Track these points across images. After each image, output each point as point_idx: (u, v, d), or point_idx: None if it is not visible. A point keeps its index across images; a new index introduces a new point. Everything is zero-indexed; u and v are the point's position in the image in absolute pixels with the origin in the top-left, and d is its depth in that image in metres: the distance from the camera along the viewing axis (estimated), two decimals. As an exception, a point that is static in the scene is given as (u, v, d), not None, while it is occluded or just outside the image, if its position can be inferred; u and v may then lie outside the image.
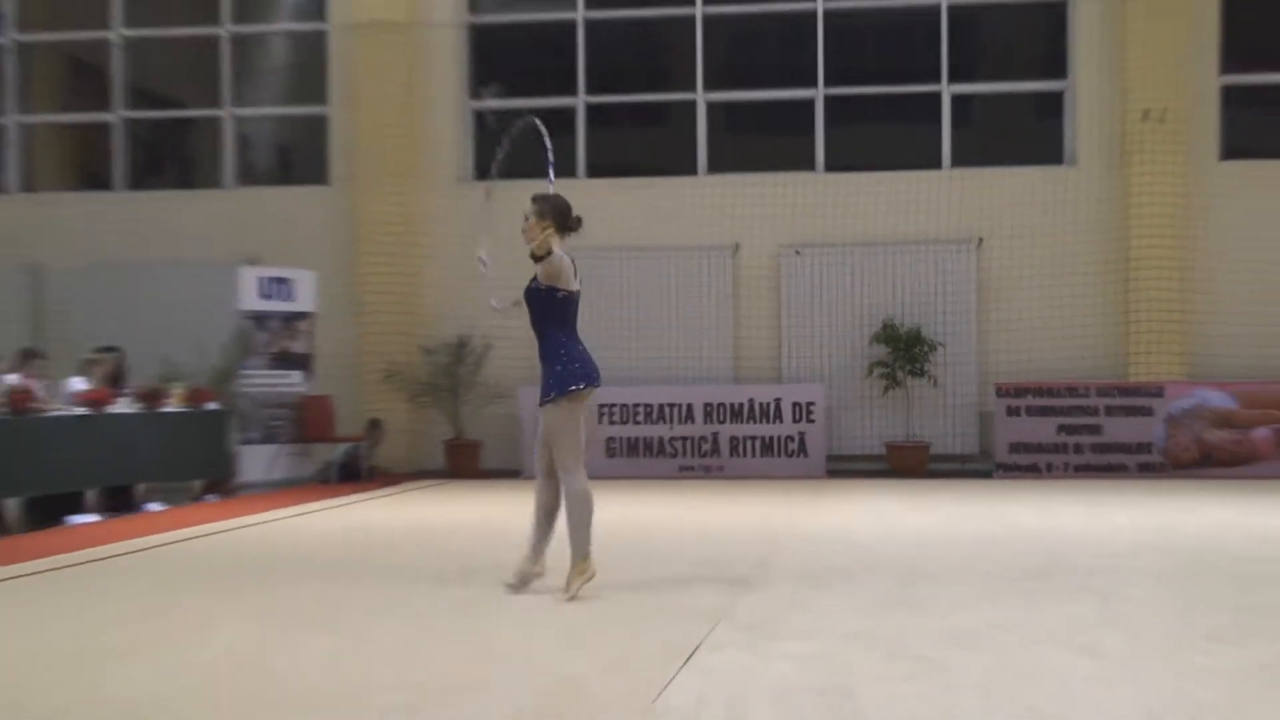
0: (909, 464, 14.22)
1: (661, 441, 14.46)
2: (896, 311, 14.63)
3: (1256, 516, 10.07)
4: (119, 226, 15.65)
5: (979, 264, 14.82)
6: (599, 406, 14.03)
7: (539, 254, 6.32)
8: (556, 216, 6.47)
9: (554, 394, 6.40)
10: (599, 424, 14.19)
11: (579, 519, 6.39)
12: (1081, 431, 13.82)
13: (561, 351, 6.45)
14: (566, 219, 6.50)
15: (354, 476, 13.72)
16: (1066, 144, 15.10)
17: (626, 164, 16.05)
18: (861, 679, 4.59)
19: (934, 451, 14.45)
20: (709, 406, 14.43)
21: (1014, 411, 13.93)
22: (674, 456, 14.44)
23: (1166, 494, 11.92)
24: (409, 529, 9.87)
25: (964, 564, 7.57)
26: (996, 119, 16.10)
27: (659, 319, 15.17)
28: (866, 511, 10.71)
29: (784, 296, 15.10)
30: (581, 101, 15.74)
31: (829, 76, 15.39)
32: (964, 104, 15.46)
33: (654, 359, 15.08)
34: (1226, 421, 13.67)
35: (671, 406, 14.45)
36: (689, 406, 14.44)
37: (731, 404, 14.42)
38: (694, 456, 14.43)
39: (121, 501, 10.94)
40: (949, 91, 15.22)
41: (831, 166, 15.36)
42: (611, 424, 14.46)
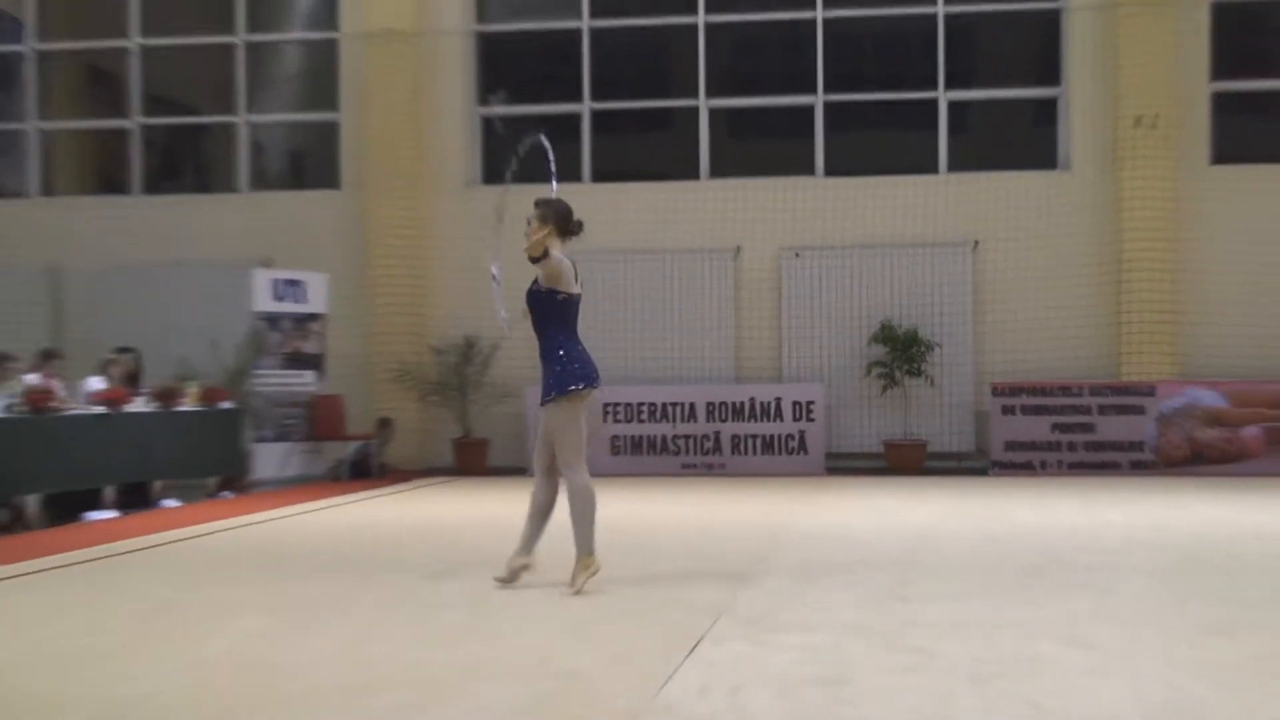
0: (906, 462, 14.38)
1: (665, 440, 14.64)
2: (894, 313, 14.77)
3: (1247, 513, 10.11)
4: (136, 230, 15.82)
5: (975, 266, 14.99)
6: (604, 406, 14.18)
7: (534, 255, 6.39)
8: (558, 220, 6.56)
9: (554, 394, 6.47)
10: (603, 423, 14.34)
11: (582, 514, 6.44)
12: (1075, 430, 13.97)
13: (561, 352, 6.52)
14: (568, 223, 6.60)
15: (365, 474, 13.87)
16: (1060, 149, 15.25)
17: (631, 169, 16.20)
18: (861, 670, 4.66)
19: (931, 450, 14.60)
20: (711, 406, 14.60)
21: (1009, 410, 14.09)
22: (677, 454, 14.62)
23: (1158, 491, 11.92)
24: (418, 525, 9.91)
25: (961, 559, 7.62)
26: (992, 125, 16.21)
27: (662, 320, 15.32)
28: (865, 508, 10.78)
29: (784, 298, 15.26)
30: (587, 108, 15.92)
31: (829, 83, 15.55)
32: (960, 110, 15.60)
33: (657, 359, 15.24)
34: (1217, 420, 13.82)
35: (674, 405, 14.62)
36: (691, 406, 14.62)
37: (733, 403, 14.59)
38: (696, 454, 14.60)
39: (138, 498, 11.03)
40: (945, 98, 15.37)
41: (831, 171, 15.52)
42: (616, 422, 14.64)
